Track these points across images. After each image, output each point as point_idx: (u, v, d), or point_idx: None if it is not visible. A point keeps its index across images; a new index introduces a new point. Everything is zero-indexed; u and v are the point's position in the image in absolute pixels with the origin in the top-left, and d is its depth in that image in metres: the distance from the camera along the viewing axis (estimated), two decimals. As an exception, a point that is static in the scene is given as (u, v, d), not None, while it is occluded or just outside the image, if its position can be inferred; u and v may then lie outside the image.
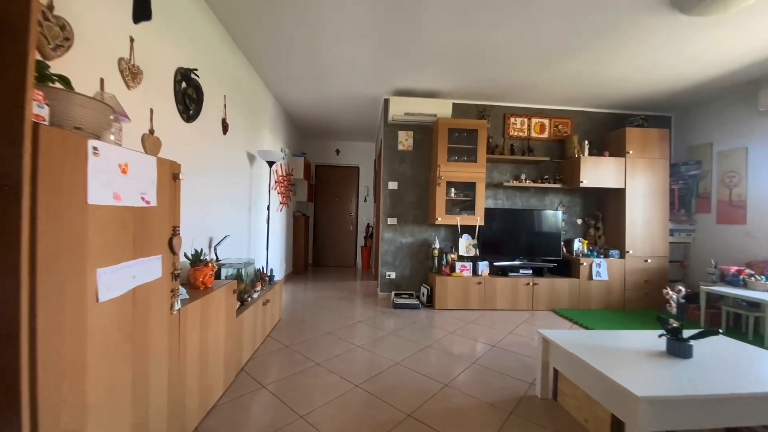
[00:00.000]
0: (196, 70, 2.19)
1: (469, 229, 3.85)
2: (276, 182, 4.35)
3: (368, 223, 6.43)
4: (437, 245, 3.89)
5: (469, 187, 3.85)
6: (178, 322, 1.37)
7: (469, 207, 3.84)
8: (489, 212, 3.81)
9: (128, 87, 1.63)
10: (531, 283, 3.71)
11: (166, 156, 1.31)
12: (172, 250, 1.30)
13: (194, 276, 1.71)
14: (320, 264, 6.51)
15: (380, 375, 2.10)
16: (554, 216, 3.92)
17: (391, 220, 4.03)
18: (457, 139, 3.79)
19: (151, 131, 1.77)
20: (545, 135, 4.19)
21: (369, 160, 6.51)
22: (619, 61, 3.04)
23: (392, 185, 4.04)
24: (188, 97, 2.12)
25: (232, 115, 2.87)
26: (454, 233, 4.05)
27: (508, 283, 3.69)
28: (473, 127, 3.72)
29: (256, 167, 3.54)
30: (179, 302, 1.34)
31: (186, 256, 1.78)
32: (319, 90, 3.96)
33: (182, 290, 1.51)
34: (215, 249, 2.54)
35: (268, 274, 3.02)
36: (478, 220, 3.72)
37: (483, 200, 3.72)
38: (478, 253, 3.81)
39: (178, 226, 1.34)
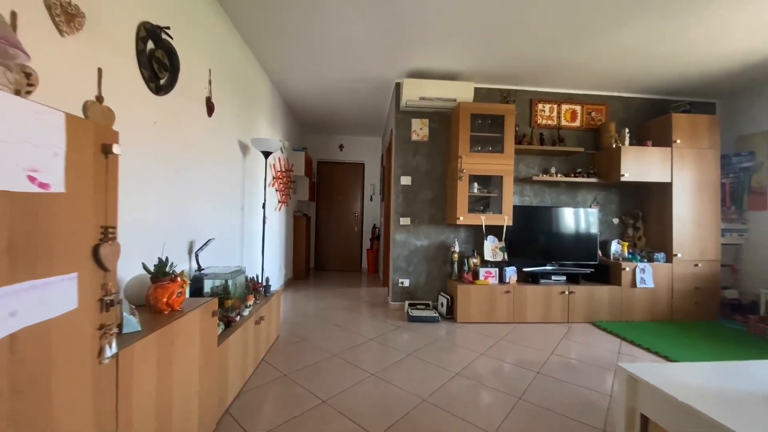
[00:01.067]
0: (168, 29, 1.72)
1: (494, 230, 3.37)
2: (274, 178, 3.89)
3: (374, 224, 5.96)
4: (457, 248, 3.41)
5: (494, 182, 3.38)
6: (116, 373, 0.90)
7: (494, 204, 3.37)
8: (517, 210, 3.33)
9: (61, 32, 1.16)
10: (566, 292, 3.23)
11: (127, 135, 0.84)
12: (101, 263, 0.83)
13: (155, 296, 1.24)
14: (323, 268, 6.03)
15: (405, 418, 1.62)
16: (589, 215, 3.44)
17: (404, 220, 3.56)
18: (480, 127, 3.32)
19: (99, 98, 1.30)
20: (577, 123, 3.72)
21: (375, 156, 6.05)
22: (671, 32, 2.57)
23: (405, 180, 3.57)
24: (157, 61, 1.66)
25: (219, 96, 2.40)
26: (475, 235, 3.58)
27: (539, 292, 3.21)
28: (499, 113, 3.25)
29: (250, 159, 3.07)
30: (114, 345, 0.87)
31: (146, 268, 1.31)
32: (322, 75, 3.51)
33: (130, 320, 1.04)
34: (197, 256, 2.07)
35: (263, 284, 2.54)
36: (506, 219, 3.24)
37: (511, 196, 3.24)
38: (506, 257, 3.33)
39: (114, 228, 0.87)
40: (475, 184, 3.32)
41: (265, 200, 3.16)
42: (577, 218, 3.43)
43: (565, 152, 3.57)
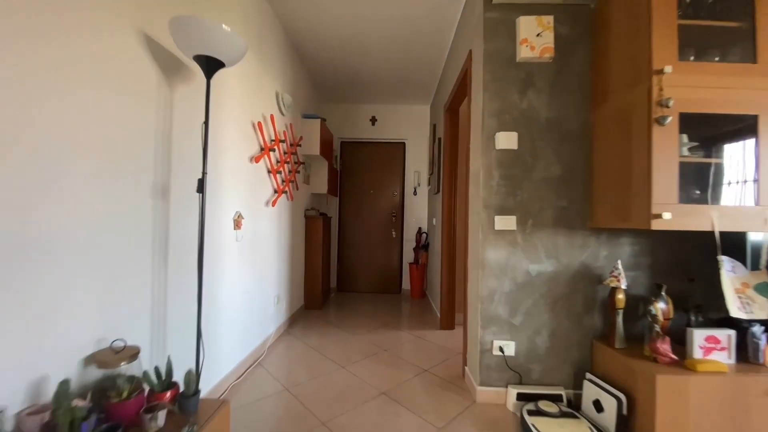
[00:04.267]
0: None
1: (731, 244, 1.49)
2: (263, 149, 2.26)
3: (419, 228, 4.20)
4: (623, 284, 1.57)
5: (725, 135, 1.50)
6: None
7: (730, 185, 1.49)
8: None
9: None
10: None
11: None
12: None
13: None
14: (348, 288, 4.36)
15: None
16: None
17: (505, 222, 1.77)
18: (697, 11, 1.47)
19: None
20: None
21: (421, 132, 4.31)
22: None
23: (505, 139, 1.78)
24: None
25: None
26: (657, 250, 1.71)
27: None
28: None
29: (185, 88, 1.44)
30: None
31: None
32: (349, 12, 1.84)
33: None
34: None
35: (191, 386, 0.88)
36: (779, 218, 1.35)
37: (786, 163, 1.36)
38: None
39: None
40: (684, 137, 1.46)
41: (205, 174, 1.51)
42: None
43: None
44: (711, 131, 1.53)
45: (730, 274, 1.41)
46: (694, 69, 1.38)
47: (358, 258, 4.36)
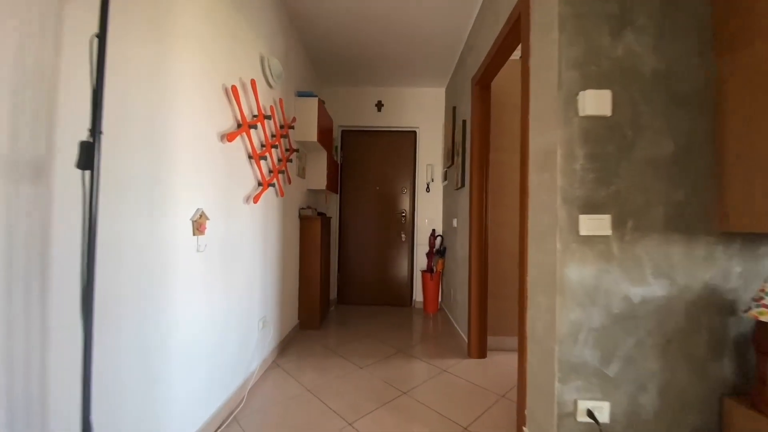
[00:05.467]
0: None
1: None
2: (241, 123, 1.67)
3: (433, 230, 3.62)
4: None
5: None
6: None
7: None
8: None
9: None
10: None
11: None
12: None
13: None
14: (350, 300, 3.77)
15: None
16: None
17: (594, 223, 1.19)
18: None
19: None
20: None
21: (435, 118, 3.73)
22: None
23: (593, 101, 1.20)
24: None
25: None
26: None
27: None
28: None
29: None
30: None
31: None
32: None
33: None
34: None
35: None
36: None
37: None
38: None
39: None
40: None
41: (96, 134, 0.91)
42: None
43: None
44: None
45: None
46: None
47: (362, 265, 3.77)
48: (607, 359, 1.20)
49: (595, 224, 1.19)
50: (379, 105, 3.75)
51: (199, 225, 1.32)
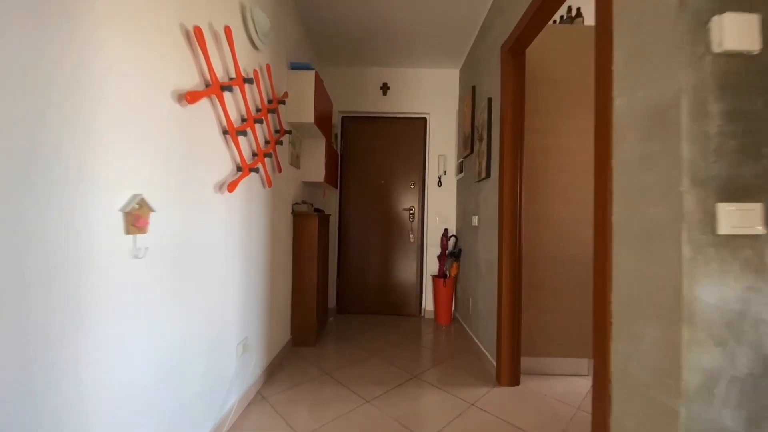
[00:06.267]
0: None
1: None
2: (209, 83, 1.24)
3: (446, 230, 3.20)
4: None
5: None
6: None
7: None
8: None
9: None
10: None
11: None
12: None
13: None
14: (350, 309, 3.35)
15: None
16: None
17: (738, 215, 0.77)
18: None
19: None
20: None
21: (448, 103, 3.31)
22: None
23: (734, 31, 0.78)
24: None
25: None
26: None
27: None
28: None
29: None
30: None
31: None
32: None
33: None
34: None
35: None
36: None
37: None
38: None
39: None
40: None
41: None
42: None
43: None
44: None
45: None
46: None
47: (365, 269, 3.35)
48: (756, 423, 0.78)
49: (740, 217, 0.77)
50: (385, 88, 3.32)
51: (135, 219, 0.89)
